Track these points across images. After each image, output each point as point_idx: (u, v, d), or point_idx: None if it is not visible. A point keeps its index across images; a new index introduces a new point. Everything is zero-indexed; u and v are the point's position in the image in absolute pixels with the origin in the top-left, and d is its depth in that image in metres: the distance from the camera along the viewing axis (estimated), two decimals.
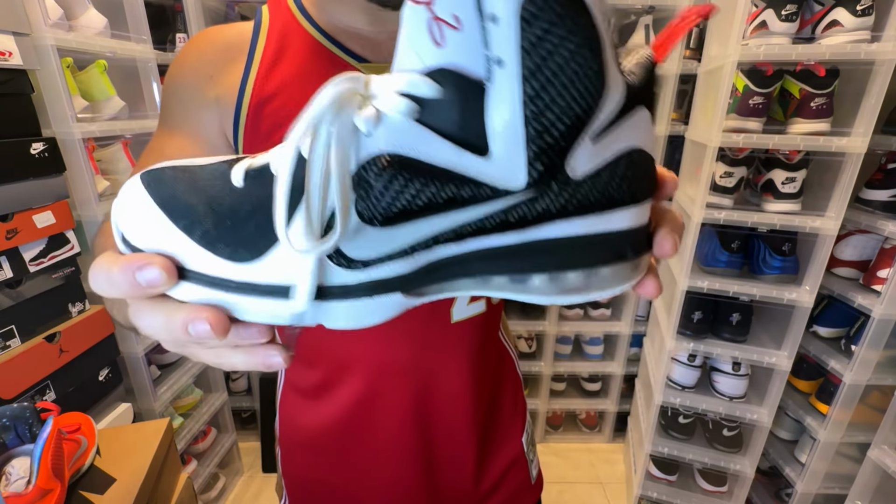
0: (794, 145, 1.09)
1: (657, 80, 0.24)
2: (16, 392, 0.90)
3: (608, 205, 0.23)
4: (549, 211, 0.23)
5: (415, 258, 0.24)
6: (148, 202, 0.23)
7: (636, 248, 0.25)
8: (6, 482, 0.66)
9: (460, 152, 0.21)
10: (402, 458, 0.57)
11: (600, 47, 0.20)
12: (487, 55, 0.20)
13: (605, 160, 0.22)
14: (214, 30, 0.49)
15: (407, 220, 0.22)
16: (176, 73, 0.48)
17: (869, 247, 1.20)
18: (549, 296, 0.24)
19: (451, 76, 0.21)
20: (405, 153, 0.21)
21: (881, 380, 1.14)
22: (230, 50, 0.47)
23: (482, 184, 0.22)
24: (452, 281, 0.25)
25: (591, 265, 0.24)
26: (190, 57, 0.48)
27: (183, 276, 0.23)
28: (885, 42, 0.98)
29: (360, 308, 0.24)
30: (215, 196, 0.24)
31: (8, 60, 0.87)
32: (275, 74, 0.46)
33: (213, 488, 1.56)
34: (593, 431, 1.93)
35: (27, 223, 0.93)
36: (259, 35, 0.47)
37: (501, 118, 0.21)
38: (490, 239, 0.23)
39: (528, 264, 0.24)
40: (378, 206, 0.22)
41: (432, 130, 0.21)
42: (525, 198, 0.22)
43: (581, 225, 0.23)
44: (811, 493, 1.28)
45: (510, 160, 0.21)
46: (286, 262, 0.23)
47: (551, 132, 0.21)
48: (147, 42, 1.27)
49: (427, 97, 0.21)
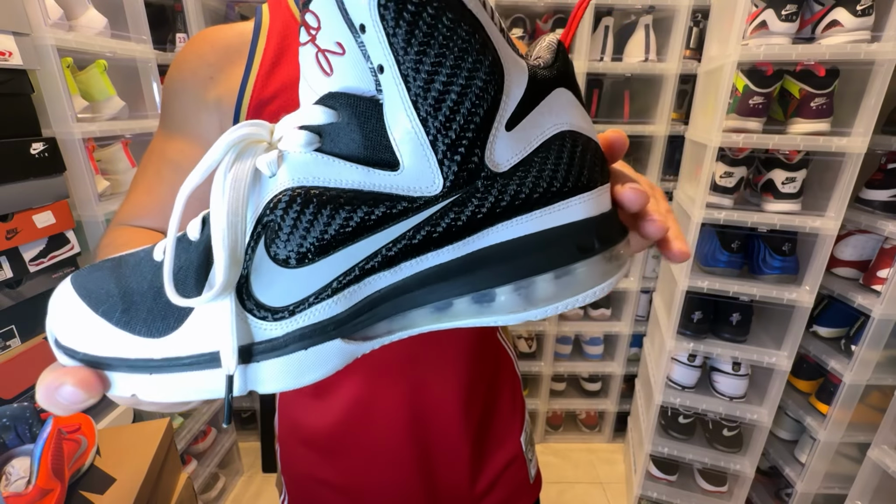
0: (794, 145, 1.09)
1: (568, 61, 0.23)
2: (16, 392, 0.90)
3: (554, 196, 0.21)
4: (483, 212, 0.21)
5: (346, 295, 0.21)
6: (73, 298, 0.23)
7: (605, 238, 0.22)
8: (6, 482, 0.66)
9: (367, 171, 0.20)
10: (398, 456, 0.57)
11: (482, 31, 0.19)
12: (371, 67, 0.20)
13: (531, 147, 0.21)
14: (214, 30, 0.49)
15: (324, 253, 0.21)
16: (176, 75, 0.48)
17: (869, 247, 1.20)
18: (521, 311, 0.22)
19: (343, 98, 0.20)
20: (310, 184, 0.20)
21: (881, 380, 1.14)
22: (230, 51, 0.47)
23: (397, 196, 0.20)
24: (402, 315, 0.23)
25: (557, 265, 0.21)
26: (189, 58, 0.48)
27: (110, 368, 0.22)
28: (885, 42, 0.98)
29: (295, 363, 0.21)
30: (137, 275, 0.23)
31: (8, 60, 0.87)
32: (275, 76, 0.46)
33: (213, 488, 1.55)
34: (593, 431, 1.92)
35: (27, 223, 0.93)
36: (259, 36, 0.47)
37: (399, 126, 0.20)
38: (426, 258, 0.21)
39: (485, 279, 0.21)
40: (290, 244, 0.21)
41: (335, 156, 0.20)
42: (449, 203, 0.21)
43: (528, 223, 0.21)
44: (811, 493, 1.28)
45: (419, 166, 0.20)
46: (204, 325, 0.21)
47: (452, 127, 0.20)
48: (147, 42, 1.27)
49: (324, 124, 0.21)
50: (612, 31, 1.48)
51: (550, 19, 1.49)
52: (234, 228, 0.20)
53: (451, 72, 0.19)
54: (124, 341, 0.22)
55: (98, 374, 0.22)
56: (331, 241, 0.21)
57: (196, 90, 0.47)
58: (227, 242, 0.20)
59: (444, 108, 0.19)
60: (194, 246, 0.23)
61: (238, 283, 0.21)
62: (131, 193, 0.49)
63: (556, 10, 1.49)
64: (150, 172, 0.48)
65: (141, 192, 0.48)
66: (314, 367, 0.22)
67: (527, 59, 0.22)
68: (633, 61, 1.47)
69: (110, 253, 0.41)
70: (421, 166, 0.20)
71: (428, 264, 0.22)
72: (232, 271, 0.20)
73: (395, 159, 0.20)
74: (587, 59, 1.44)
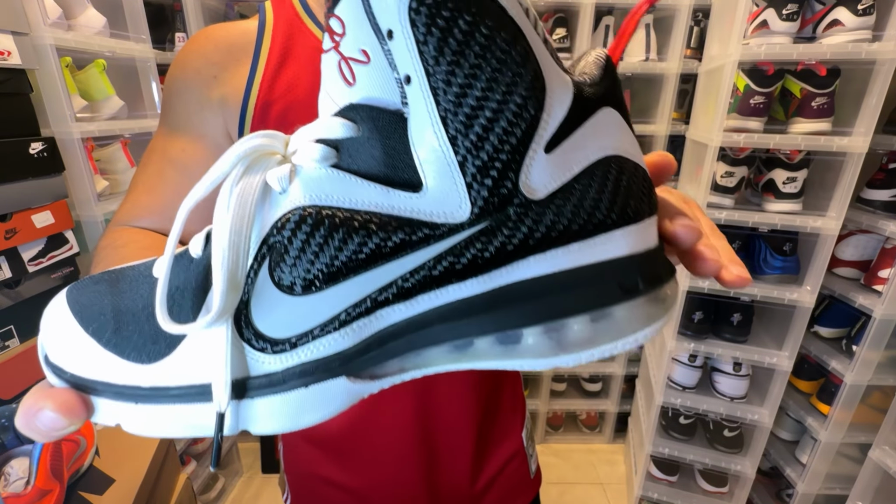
0: (795, 145, 1.09)
1: (617, 79, 0.21)
2: (15, 392, 0.90)
3: (595, 228, 0.19)
4: (514, 243, 0.18)
5: (354, 329, 0.19)
6: (65, 313, 0.21)
7: (651, 277, 0.20)
8: (5, 483, 0.66)
9: (387, 192, 0.18)
10: (405, 455, 0.57)
11: (525, 42, 0.17)
12: (398, 77, 0.18)
13: (572, 172, 0.19)
14: (217, 28, 0.48)
15: (333, 281, 0.19)
16: (178, 74, 0.47)
17: (870, 247, 1.20)
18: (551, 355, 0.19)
19: (365, 111, 0.18)
20: (323, 203, 0.19)
21: (882, 380, 1.14)
22: (235, 50, 0.47)
23: (418, 222, 0.18)
24: (416, 353, 0.21)
25: (595, 306, 0.19)
26: (192, 57, 0.47)
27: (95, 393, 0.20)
28: (887, 41, 0.98)
29: (293, 402, 0.19)
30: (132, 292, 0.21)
31: (7, 60, 0.87)
32: (281, 77, 0.46)
33: (213, 489, 1.55)
34: (594, 432, 1.92)
35: (26, 223, 0.92)
36: (264, 35, 0.47)
37: (425, 143, 0.18)
38: (447, 291, 0.19)
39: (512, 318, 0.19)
40: (296, 269, 0.19)
41: (352, 173, 0.19)
42: (476, 232, 0.18)
43: (565, 257, 0.19)
44: (812, 493, 1.28)
45: (445, 188, 0.18)
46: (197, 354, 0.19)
47: (485, 147, 0.17)
48: (146, 41, 1.26)
49: (342, 138, 0.19)
50: (612, 30, 1.48)
51: (551, 19, 1.49)
52: (236, 249, 0.19)
53: (486, 85, 0.17)
54: (112, 365, 0.20)
55: (82, 399, 0.20)
56: (341, 268, 0.19)
57: (200, 89, 0.46)
58: (227, 264, 0.18)
59: (476, 126, 0.17)
60: (195, 264, 0.21)
61: (237, 308, 0.19)
62: (131, 193, 0.48)
63: (556, 10, 1.48)
64: (152, 172, 0.48)
65: (141, 192, 0.47)
66: (315, 407, 0.20)
67: (571, 74, 0.20)
68: (634, 60, 1.47)
69: (110, 255, 0.40)
70: (447, 189, 0.18)
71: (448, 298, 0.19)
72: (230, 297, 0.18)
73: (418, 180, 0.18)
74: None
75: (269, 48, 0.46)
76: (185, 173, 0.46)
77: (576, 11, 1.43)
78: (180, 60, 0.47)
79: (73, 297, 0.22)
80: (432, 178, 0.18)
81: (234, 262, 0.19)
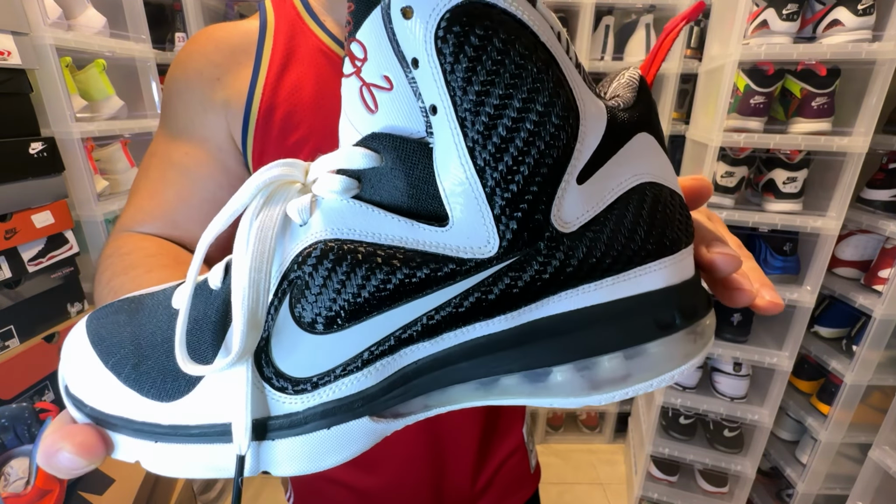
0: (795, 145, 1.09)
1: (651, 101, 0.20)
2: (14, 392, 0.90)
3: (629, 261, 0.18)
4: (545, 279, 0.18)
5: (378, 367, 0.19)
6: (85, 344, 0.21)
7: (688, 312, 0.19)
8: (5, 482, 0.66)
9: (412, 225, 0.18)
10: (412, 455, 0.57)
11: (557, 69, 0.17)
12: (423, 107, 0.17)
13: (605, 202, 0.18)
14: (218, 29, 0.48)
15: (356, 319, 0.18)
16: (179, 76, 0.47)
17: (870, 247, 1.20)
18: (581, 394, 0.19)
19: (388, 140, 0.18)
20: (345, 237, 0.18)
21: (882, 380, 1.14)
22: (237, 52, 0.46)
23: (444, 257, 0.18)
24: (441, 391, 0.20)
25: (629, 343, 0.18)
26: (194, 58, 0.47)
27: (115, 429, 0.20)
28: (887, 41, 0.98)
29: (315, 444, 0.19)
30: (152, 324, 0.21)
31: (7, 60, 0.87)
32: (285, 80, 0.45)
33: (213, 489, 1.55)
34: (594, 432, 1.92)
35: (26, 223, 0.92)
36: (266, 36, 0.46)
37: (451, 174, 0.17)
38: (474, 329, 0.19)
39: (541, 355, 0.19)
40: (318, 306, 0.18)
41: (375, 205, 0.18)
42: (504, 267, 0.18)
43: (597, 292, 0.18)
44: (812, 493, 1.28)
45: (472, 222, 0.17)
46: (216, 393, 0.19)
47: (515, 178, 0.17)
48: (146, 41, 1.26)
49: (365, 168, 0.18)
50: (612, 30, 1.48)
51: None
52: (257, 287, 0.18)
53: (517, 115, 0.16)
54: (131, 401, 0.19)
55: (101, 436, 0.20)
56: (364, 304, 0.18)
57: (202, 91, 0.46)
58: (248, 303, 0.18)
59: (506, 157, 0.17)
60: (214, 296, 0.20)
61: (257, 346, 0.19)
62: (134, 197, 0.47)
63: (556, 10, 1.48)
64: (154, 176, 0.47)
65: (144, 197, 0.46)
66: (336, 449, 0.19)
67: (604, 98, 0.19)
68: (634, 60, 1.47)
69: (115, 263, 0.39)
70: (474, 222, 0.17)
71: (475, 335, 0.19)
72: (250, 337, 0.18)
73: (444, 212, 0.17)
74: (588, 59, 1.44)
75: (272, 50, 0.46)
76: (189, 177, 0.46)
77: (576, 11, 1.43)
78: (181, 61, 0.47)
79: (93, 327, 0.22)
80: (459, 210, 0.17)
81: (255, 300, 0.18)
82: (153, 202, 0.46)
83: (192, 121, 0.46)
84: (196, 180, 0.46)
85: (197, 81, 0.46)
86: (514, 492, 0.63)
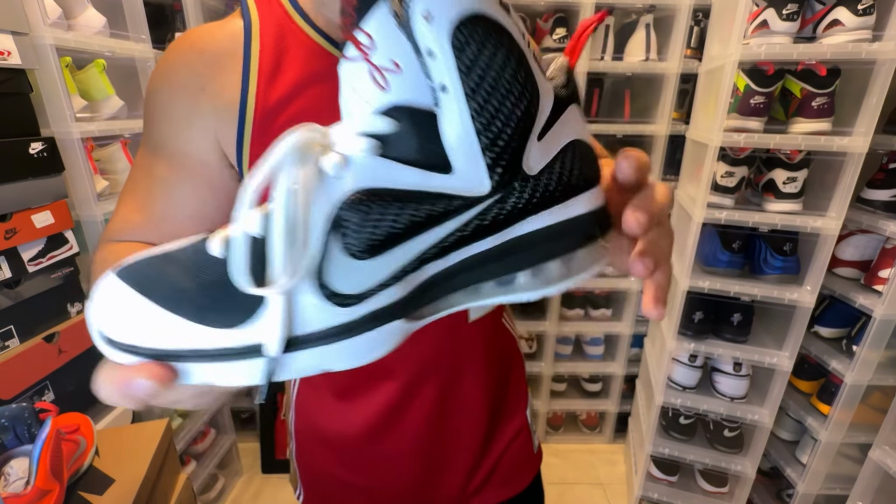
0: (795, 145, 1.09)
1: (575, 81, 0.27)
2: (14, 392, 0.90)
3: (566, 193, 0.26)
4: (519, 208, 0.25)
5: (407, 281, 0.25)
6: (129, 294, 0.24)
7: (602, 227, 0.27)
8: (5, 483, 0.66)
9: (426, 174, 0.23)
10: (419, 454, 0.58)
11: (526, 60, 0.23)
12: (431, 85, 0.23)
13: (552, 154, 0.25)
14: (200, 34, 0.45)
15: (392, 246, 0.24)
16: (163, 87, 0.45)
17: (870, 247, 1.20)
18: (535, 290, 0.27)
19: (403, 111, 0.23)
20: (376, 185, 0.23)
21: (882, 380, 1.14)
22: (222, 58, 0.44)
23: (454, 196, 0.24)
24: (446, 297, 0.27)
25: (567, 251, 0.26)
26: (177, 68, 0.45)
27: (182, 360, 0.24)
28: (887, 41, 0.98)
29: (366, 342, 0.25)
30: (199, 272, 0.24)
31: (6, 60, 0.87)
32: (278, 83, 0.44)
33: (213, 489, 1.55)
34: (594, 432, 1.92)
35: (26, 223, 0.92)
36: (252, 38, 0.44)
37: (456, 136, 0.23)
38: (471, 248, 0.25)
39: (511, 264, 0.26)
40: (361, 239, 0.23)
41: (396, 161, 0.23)
42: (494, 200, 0.25)
43: (549, 217, 0.26)
44: (812, 493, 1.28)
45: (473, 170, 0.24)
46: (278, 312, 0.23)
47: (502, 138, 0.23)
48: (146, 41, 1.26)
49: (386, 132, 0.23)
50: (612, 30, 1.48)
51: (551, 18, 1.49)
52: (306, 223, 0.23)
53: (504, 92, 0.23)
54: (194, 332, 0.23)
55: (168, 366, 0.23)
56: (400, 235, 0.24)
57: (188, 104, 0.44)
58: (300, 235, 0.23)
59: (496, 121, 0.23)
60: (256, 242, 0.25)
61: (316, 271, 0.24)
62: (121, 208, 0.47)
63: (556, 10, 1.48)
64: (140, 189, 0.46)
65: (132, 210, 0.46)
66: (381, 344, 0.25)
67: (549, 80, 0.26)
68: (634, 60, 1.47)
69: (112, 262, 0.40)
70: (473, 170, 0.24)
71: (472, 252, 0.25)
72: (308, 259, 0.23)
73: (447, 164, 0.24)
74: (588, 59, 1.44)
75: (260, 52, 0.44)
76: (172, 194, 0.46)
77: (576, 11, 1.43)
78: (164, 73, 0.45)
79: (133, 279, 0.24)
80: (461, 161, 0.24)
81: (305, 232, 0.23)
82: (141, 215, 0.46)
83: (176, 136, 0.45)
84: (181, 198, 0.46)
85: (181, 95, 0.44)
86: (519, 472, 0.65)
